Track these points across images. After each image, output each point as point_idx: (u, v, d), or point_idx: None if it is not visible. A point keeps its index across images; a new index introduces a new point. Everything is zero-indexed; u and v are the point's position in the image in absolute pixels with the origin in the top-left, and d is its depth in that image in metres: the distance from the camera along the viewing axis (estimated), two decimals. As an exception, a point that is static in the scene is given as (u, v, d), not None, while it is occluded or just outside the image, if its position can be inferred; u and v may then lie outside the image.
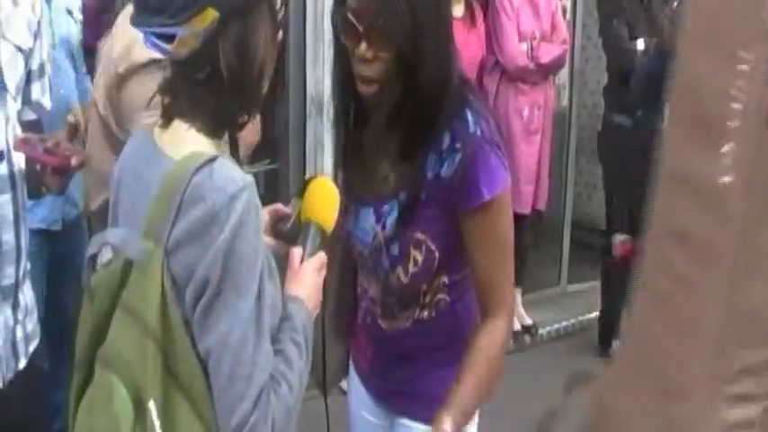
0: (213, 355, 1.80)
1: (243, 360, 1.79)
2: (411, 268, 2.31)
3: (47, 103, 2.79)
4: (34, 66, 2.67)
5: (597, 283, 6.53)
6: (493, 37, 5.91)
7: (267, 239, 2.12)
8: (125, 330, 1.83)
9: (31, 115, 2.72)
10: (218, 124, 1.93)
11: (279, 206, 2.28)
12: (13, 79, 2.51)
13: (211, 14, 1.82)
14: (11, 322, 2.55)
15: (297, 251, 2.10)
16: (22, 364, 2.61)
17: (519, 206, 5.66)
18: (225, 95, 1.89)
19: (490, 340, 2.29)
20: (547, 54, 5.99)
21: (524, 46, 5.94)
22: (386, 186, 2.34)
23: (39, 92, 2.72)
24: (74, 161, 2.57)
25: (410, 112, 2.20)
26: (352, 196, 2.37)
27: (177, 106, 1.93)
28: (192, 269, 1.79)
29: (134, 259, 1.83)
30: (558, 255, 6.74)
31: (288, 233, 2.20)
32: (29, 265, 2.64)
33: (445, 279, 2.37)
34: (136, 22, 1.89)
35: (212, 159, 1.82)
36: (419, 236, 2.28)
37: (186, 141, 1.89)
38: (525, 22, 5.97)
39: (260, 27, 1.90)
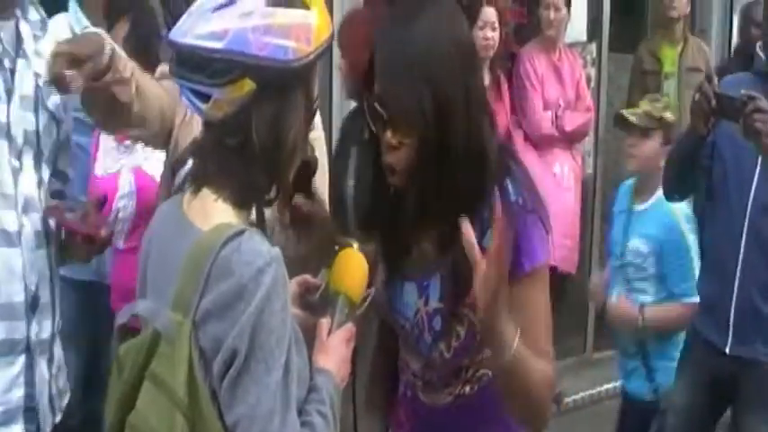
0: (240, 427, 1.81)
1: None
2: (453, 343, 2.28)
3: (71, 173, 2.83)
4: (62, 135, 2.72)
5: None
6: (518, 105, 5.96)
7: (295, 311, 2.11)
8: (153, 401, 1.84)
9: (55, 185, 2.75)
10: (246, 196, 1.94)
11: (307, 277, 2.28)
12: (49, 146, 2.58)
13: (248, 85, 1.85)
14: (47, 376, 2.59)
15: (325, 323, 2.10)
16: (58, 418, 2.65)
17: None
18: (254, 168, 1.91)
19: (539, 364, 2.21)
20: (571, 122, 6.03)
21: (549, 114, 5.98)
22: (427, 261, 2.31)
23: (64, 162, 2.76)
24: (103, 232, 2.59)
25: (449, 190, 2.17)
26: (395, 272, 2.35)
27: (206, 173, 1.94)
28: (220, 342, 1.80)
29: (162, 331, 1.85)
30: (584, 322, 6.70)
31: (316, 304, 2.20)
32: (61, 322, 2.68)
33: (488, 353, 2.30)
34: (174, 72, 1.92)
35: (240, 232, 1.84)
36: (462, 310, 2.25)
37: (214, 212, 1.90)
38: (550, 90, 6.02)
39: (294, 109, 1.92)
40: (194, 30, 1.87)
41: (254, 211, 2.00)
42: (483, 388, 2.34)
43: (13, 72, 2.51)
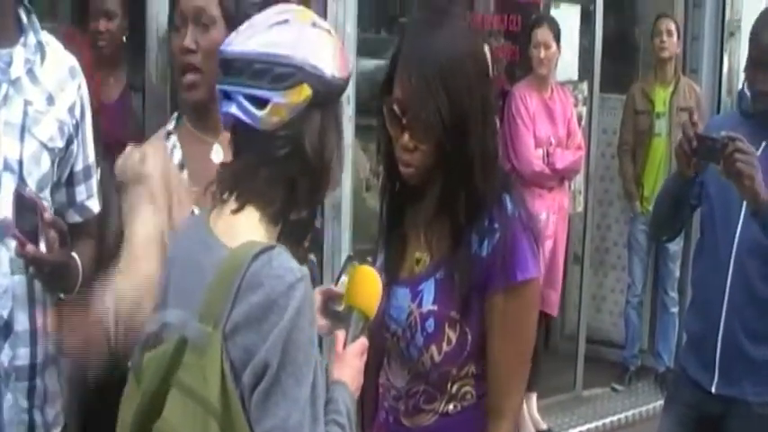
0: None
1: None
2: (444, 347, 2.33)
3: (94, 206, 2.78)
4: (77, 167, 2.70)
5: (610, 389, 6.71)
6: (509, 143, 5.99)
7: (319, 319, 2.21)
8: (183, 410, 1.87)
9: (76, 218, 2.72)
10: (284, 211, 2.01)
11: (330, 287, 2.37)
12: (35, 175, 2.53)
13: (306, 91, 1.95)
14: (24, 404, 2.56)
15: (341, 335, 2.17)
16: None
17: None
18: (299, 179, 1.98)
19: None
20: (562, 160, 6.07)
21: (540, 152, 6.01)
22: (421, 267, 2.40)
23: (84, 194, 2.74)
24: (30, 248, 2.34)
25: (455, 199, 2.28)
26: (389, 277, 2.41)
27: (253, 187, 1.99)
28: (250, 353, 1.85)
29: (193, 341, 1.89)
30: (573, 360, 6.72)
31: (340, 313, 2.28)
32: (52, 353, 2.64)
33: (473, 368, 2.38)
34: (230, 82, 1.99)
35: (270, 247, 1.90)
36: (454, 315, 2.32)
37: (242, 230, 1.96)
38: (541, 128, 6.06)
39: (331, 127, 2.03)
40: (255, 38, 1.98)
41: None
42: (465, 408, 2.40)
43: None
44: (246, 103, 1.96)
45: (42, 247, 2.37)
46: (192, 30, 2.62)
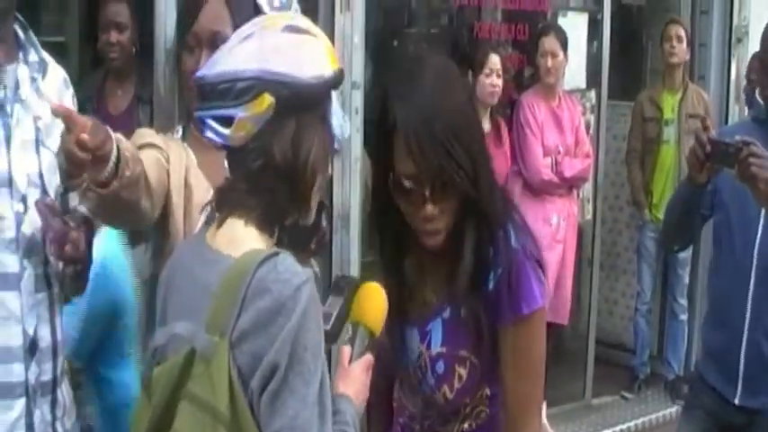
0: None
1: None
2: (456, 384, 2.33)
3: (86, 210, 2.80)
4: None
5: (620, 397, 6.70)
6: (517, 151, 6.00)
7: None
8: (192, 420, 1.88)
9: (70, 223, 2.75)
10: (271, 219, 2.00)
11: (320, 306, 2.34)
12: (53, 184, 2.58)
13: (268, 100, 1.94)
14: (49, 418, 2.59)
15: (347, 350, 2.18)
16: None
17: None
18: (279, 188, 1.98)
19: None
20: (570, 168, 6.08)
21: (548, 160, 6.01)
22: (428, 306, 2.37)
23: (76, 200, 2.72)
24: (68, 248, 2.41)
25: (487, 240, 2.25)
26: (399, 318, 2.38)
27: (233, 198, 2.00)
28: (259, 358, 1.85)
29: (201, 352, 1.89)
30: (583, 368, 6.70)
31: (330, 332, 2.23)
32: (65, 364, 2.69)
33: (487, 391, 2.37)
34: (202, 107, 2.00)
35: (275, 254, 1.90)
36: (463, 353, 2.31)
37: (244, 240, 1.96)
38: (549, 136, 6.07)
39: (311, 130, 2.00)
40: (222, 60, 2.00)
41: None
42: (481, 426, 2.39)
43: (11, 117, 2.52)
44: (216, 125, 1.97)
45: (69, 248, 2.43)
46: (207, 53, 2.60)
